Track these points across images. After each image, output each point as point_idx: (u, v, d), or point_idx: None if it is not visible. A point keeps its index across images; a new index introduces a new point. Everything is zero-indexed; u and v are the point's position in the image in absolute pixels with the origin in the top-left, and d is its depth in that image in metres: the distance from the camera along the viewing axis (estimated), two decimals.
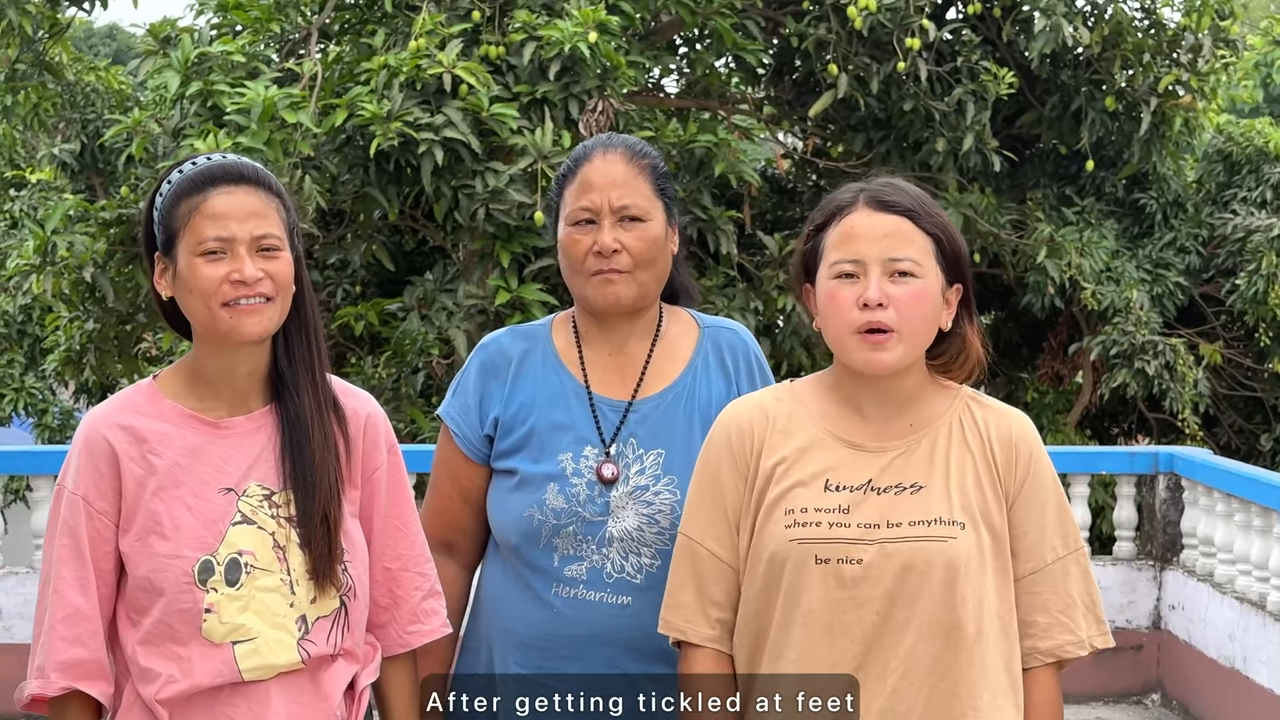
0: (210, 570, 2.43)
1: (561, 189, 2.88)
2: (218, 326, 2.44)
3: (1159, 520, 7.83)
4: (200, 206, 2.44)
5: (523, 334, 2.97)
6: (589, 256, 2.81)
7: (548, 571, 2.81)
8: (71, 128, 11.55)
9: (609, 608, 2.79)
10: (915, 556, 2.40)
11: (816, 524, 2.44)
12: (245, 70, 8.67)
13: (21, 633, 7.02)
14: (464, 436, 2.89)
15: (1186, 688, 7.47)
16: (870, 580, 2.41)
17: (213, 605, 2.43)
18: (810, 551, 2.43)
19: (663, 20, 10.20)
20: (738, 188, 9.95)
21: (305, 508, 2.48)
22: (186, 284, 2.45)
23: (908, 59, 9.68)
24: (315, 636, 2.49)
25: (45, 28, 9.86)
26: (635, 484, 2.81)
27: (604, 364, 2.90)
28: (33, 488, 7.42)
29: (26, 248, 9.25)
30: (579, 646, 2.78)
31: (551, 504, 2.80)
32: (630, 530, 2.80)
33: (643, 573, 2.79)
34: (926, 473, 2.46)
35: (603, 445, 2.83)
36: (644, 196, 2.83)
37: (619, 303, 2.83)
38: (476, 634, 2.93)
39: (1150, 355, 10.73)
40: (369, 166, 8.49)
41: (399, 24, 9.02)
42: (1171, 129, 10.95)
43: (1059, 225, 11.02)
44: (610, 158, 2.84)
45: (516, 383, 2.88)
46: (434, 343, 8.90)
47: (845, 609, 2.42)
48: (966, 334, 2.54)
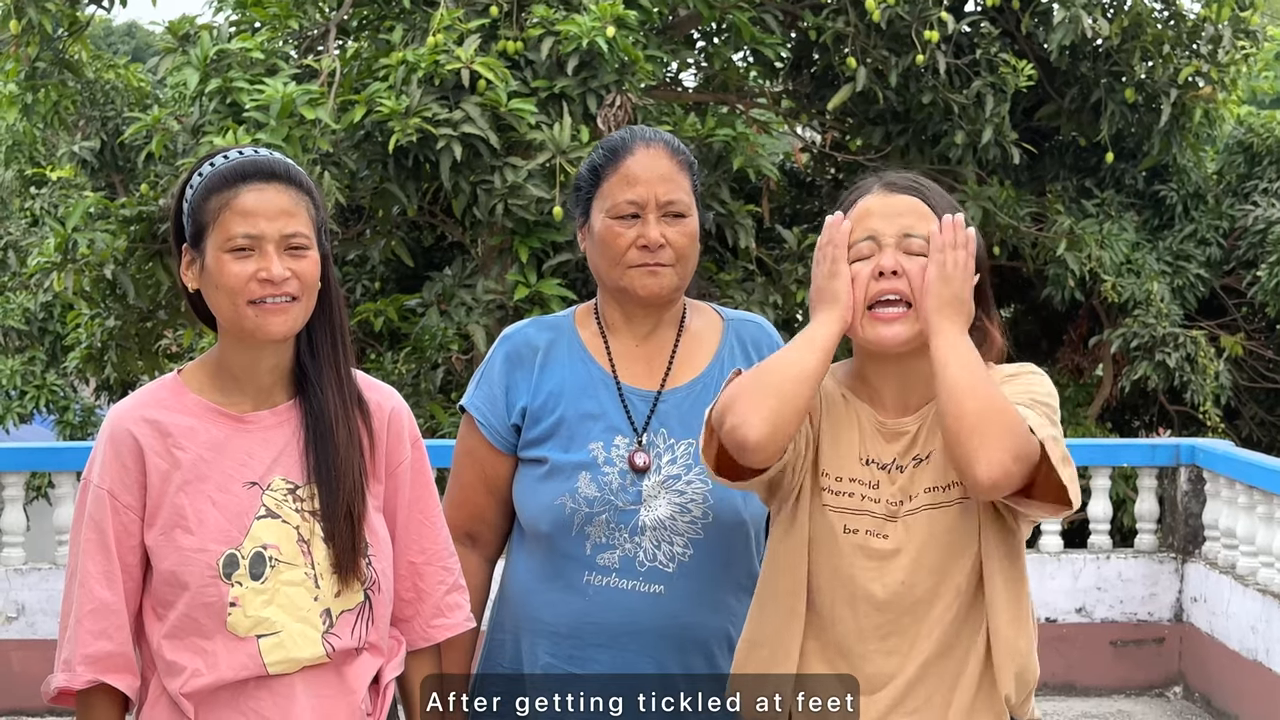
0: (235, 564, 2.44)
1: (599, 178, 2.87)
2: (243, 324, 2.45)
3: (1180, 513, 7.81)
4: (231, 202, 2.44)
5: (547, 325, 2.97)
6: (632, 249, 2.82)
7: (580, 559, 2.81)
8: (91, 125, 11.58)
9: (642, 596, 2.79)
10: (934, 524, 2.45)
11: (849, 494, 2.49)
12: (264, 67, 8.69)
13: (45, 628, 7.06)
14: (490, 426, 2.89)
15: (1209, 680, 7.46)
16: (897, 553, 2.46)
17: (237, 599, 2.43)
18: (840, 521, 2.48)
19: (680, 14, 10.19)
20: (756, 182, 9.95)
21: (329, 502, 2.49)
22: (214, 279, 2.45)
23: (926, 52, 9.66)
24: (340, 630, 2.49)
25: (65, 26, 9.88)
26: (667, 473, 2.82)
27: (630, 354, 2.90)
28: (55, 484, 7.45)
29: (47, 245, 9.28)
30: (611, 635, 2.79)
31: (584, 492, 2.81)
32: (663, 519, 2.81)
33: (675, 561, 2.80)
34: (936, 441, 2.49)
35: (634, 435, 2.84)
36: (686, 192, 2.85)
37: (660, 294, 2.85)
38: (502, 626, 2.93)
39: (1171, 348, 10.70)
40: (387, 162, 8.50)
41: (417, 20, 9.03)
42: (1192, 120, 10.92)
43: (1079, 218, 10.99)
44: (654, 151, 2.85)
45: (544, 372, 2.89)
46: (453, 338, 8.92)
47: (872, 579, 2.46)
48: (985, 325, 2.55)
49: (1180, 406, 11.48)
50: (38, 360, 12.86)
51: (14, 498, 7.40)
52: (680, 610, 2.76)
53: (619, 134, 2.92)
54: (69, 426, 12.95)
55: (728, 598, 2.83)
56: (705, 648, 2.81)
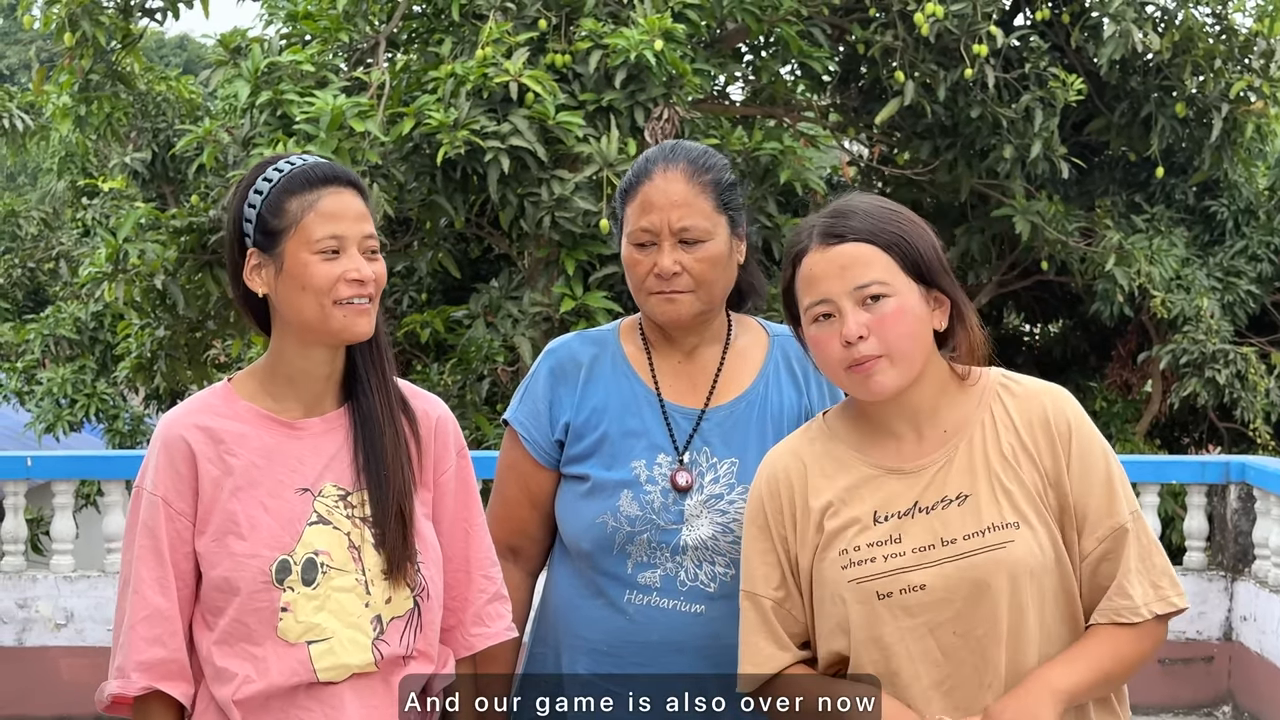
0: (287, 570, 2.45)
1: (624, 203, 2.87)
2: (329, 324, 2.46)
3: (1230, 530, 7.74)
4: (315, 205, 2.46)
5: (591, 339, 2.96)
6: (650, 277, 2.81)
7: (621, 578, 2.81)
8: (143, 137, 11.69)
9: (683, 616, 2.78)
10: (977, 571, 2.38)
11: (871, 560, 2.42)
12: (314, 79, 8.74)
13: (94, 636, 7.10)
14: (533, 441, 2.89)
15: (1258, 699, 7.38)
16: (937, 604, 2.39)
17: (289, 604, 2.44)
18: (870, 589, 2.41)
19: (728, 28, 10.20)
20: (803, 195, 9.93)
21: (380, 505, 2.50)
22: (298, 281, 2.46)
23: (975, 65, 9.63)
24: (389, 637, 2.50)
25: (118, 38, 9.98)
26: (710, 493, 2.80)
27: (674, 371, 2.89)
28: (104, 492, 7.51)
29: (99, 255, 9.36)
30: (652, 653, 2.78)
31: (626, 511, 2.80)
32: (705, 539, 2.79)
33: (716, 581, 2.79)
34: (970, 480, 2.43)
35: (676, 453, 2.82)
36: (704, 216, 2.80)
37: (679, 320, 2.84)
38: (543, 639, 2.93)
39: (1221, 364, 10.62)
40: (435, 174, 8.54)
41: (466, 33, 9.07)
42: (1243, 135, 10.84)
43: (1128, 233, 10.93)
44: (671, 176, 2.81)
45: (588, 388, 2.88)
46: (499, 350, 8.94)
47: (920, 636, 2.40)
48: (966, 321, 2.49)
49: (1230, 423, 11.39)
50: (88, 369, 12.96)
51: (64, 505, 7.47)
52: (721, 630, 2.73)
53: (646, 155, 2.89)
54: (118, 435, 13.05)
55: None
56: None
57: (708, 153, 2.88)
